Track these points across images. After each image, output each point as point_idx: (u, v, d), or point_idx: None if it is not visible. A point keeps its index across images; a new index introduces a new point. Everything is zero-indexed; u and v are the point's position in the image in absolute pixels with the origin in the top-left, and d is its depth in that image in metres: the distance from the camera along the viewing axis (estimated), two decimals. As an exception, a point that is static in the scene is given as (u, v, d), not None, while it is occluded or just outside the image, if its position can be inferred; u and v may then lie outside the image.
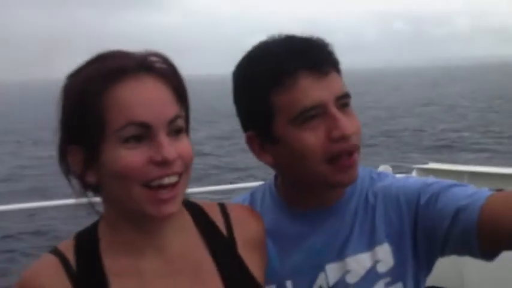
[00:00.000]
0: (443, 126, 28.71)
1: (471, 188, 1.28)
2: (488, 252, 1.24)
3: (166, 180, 1.09)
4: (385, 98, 48.10)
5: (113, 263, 1.15)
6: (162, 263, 1.17)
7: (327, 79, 1.26)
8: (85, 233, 1.20)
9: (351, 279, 1.33)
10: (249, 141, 1.34)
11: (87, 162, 1.11)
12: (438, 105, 40.43)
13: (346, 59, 1.35)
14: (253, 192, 1.49)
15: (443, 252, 1.31)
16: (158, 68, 1.12)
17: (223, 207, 1.29)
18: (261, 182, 1.56)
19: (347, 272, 1.33)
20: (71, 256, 1.15)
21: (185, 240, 1.21)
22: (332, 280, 1.34)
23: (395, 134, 25.45)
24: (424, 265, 1.34)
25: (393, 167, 4.68)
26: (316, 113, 1.25)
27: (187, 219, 1.24)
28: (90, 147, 1.10)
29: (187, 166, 1.12)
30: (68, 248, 1.16)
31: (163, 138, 1.08)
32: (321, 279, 1.34)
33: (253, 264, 1.25)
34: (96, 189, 1.17)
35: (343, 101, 1.28)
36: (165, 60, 1.14)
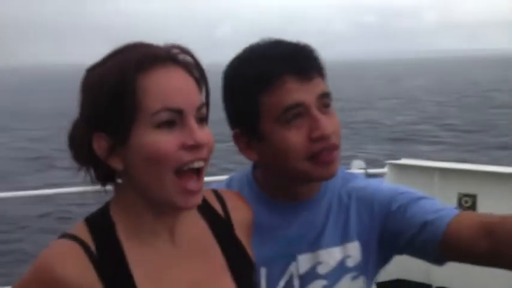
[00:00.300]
0: (401, 118, 29.27)
1: (438, 203, 1.39)
2: (440, 261, 1.37)
3: (196, 165, 1.12)
4: (349, 90, 48.43)
5: (131, 247, 1.16)
6: (176, 246, 1.20)
7: (311, 83, 1.33)
8: (96, 217, 1.18)
9: (321, 270, 1.43)
10: (236, 138, 1.41)
11: (113, 149, 1.12)
12: (399, 98, 40.99)
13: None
14: (229, 181, 1.53)
15: (400, 253, 1.44)
16: (182, 59, 1.16)
17: (217, 194, 1.34)
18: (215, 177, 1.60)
19: (318, 263, 1.43)
20: (89, 241, 1.13)
21: (193, 225, 1.25)
22: (302, 269, 1.43)
23: (355, 126, 25.84)
24: (382, 261, 1.48)
25: (360, 161, 4.92)
26: (298, 112, 1.32)
27: None
28: (120, 133, 1.11)
29: (210, 153, 1.15)
30: (83, 232, 1.14)
31: (193, 123, 1.12)
32: (292, 268, 1.43)
33: (247, 247, 1.31)
34: (112, 177, 1.19)
35: (324, 100, 1.35)
36: (187, 52, 1.18)
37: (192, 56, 1.18)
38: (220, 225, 1.28)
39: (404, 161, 5.18)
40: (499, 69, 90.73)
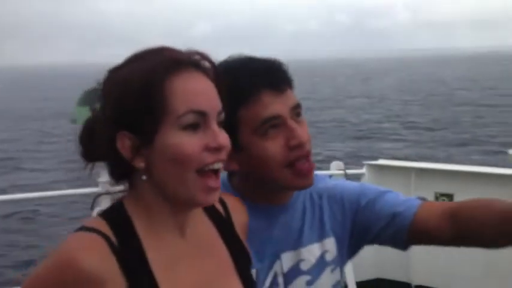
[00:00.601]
0: (367, 117, 29.78)
1: (402, 195, 1.55)
2: (406, 247, 1.53)
3: (216, 166, 1.17)
4: (320, 89, 48.61)
5: (148, 241, 1.18)
6: (186, 242, 1.23)
7: (284, 95, 1.43)
8: (111, 213, 1.19)
9: (304, 266, 1.53)
10: None
11: (138, 148, 1.15)
12: (369, 97, 41.51)
13: (289, 50, 1.76)
14: None
15: (370, 244, 1.59)
16: (203, 65, 1.20)
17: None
18: None
19: (301, 260, 1.53)
20: (110, 234, 1.14)
21: (200, 223, 1.29)
22: (286, 267, 1.53)
23: (323, 125, 26.23)
24: (353, 253, 1.62)
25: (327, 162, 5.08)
26: (274, 123, 1.41)
27: None
28: (146, 133, 1.14)
29: (227, 155, 1.20)
30: (102, 226, 1.15)
31: (216, 126, 1.17)
32: (276, 267, 1.52)
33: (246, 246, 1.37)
34: (126, 175, 1.21)
35: (296, 110, 1.45)
36: (207, 58, 1.22)
37: (211, 62, 1.23)
38: (223, 225, 1.33)
39: (381, 162, 5.36)
40: (470, 67, 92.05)
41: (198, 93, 1.15)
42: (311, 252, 1.54)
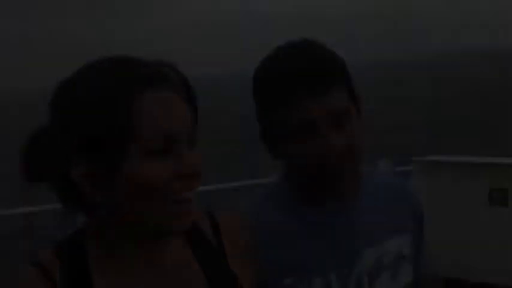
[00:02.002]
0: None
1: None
2: None
3: (187, 196, 1.04)
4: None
5: (102, 277, 1.06)
6: (156, 276, 1.11)
7: (323, 97, 1.28)
8: (68, 243, 1.08)
9: (386, 260, 1.44)
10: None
11: (97, 178, 1.01)
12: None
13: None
14: (258, 213, 1.40)
15: None
16: (173, 79, 1.06)
17: (211, 216, 1.23)
18: None
19: (382, 255, 1.44)
20: (55, 269, 1.04)
21: (176, 254, 1.15)
22: (369, 264, 1.42)
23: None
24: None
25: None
26: (308, 128, 1.29)
27: None
28: (109, 161, 1.00)
29: (200, 180, 1.07)
30: (49, 259, 1.05)
31: (187, 150, 1.04)
32: (358, 266, 1.41)
33: (243, 274, 1.21)
34: (80, 201, 1.05)
35: (337, 114, 1.29)
36: (176, 71, 1.09)
37: (181, 75, 1.10)
38: (208, 253, 1.18)
39: (431, 158, 5.04)
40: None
41: (166, 114, 1.02)
42: (390, 246, 1.46)
